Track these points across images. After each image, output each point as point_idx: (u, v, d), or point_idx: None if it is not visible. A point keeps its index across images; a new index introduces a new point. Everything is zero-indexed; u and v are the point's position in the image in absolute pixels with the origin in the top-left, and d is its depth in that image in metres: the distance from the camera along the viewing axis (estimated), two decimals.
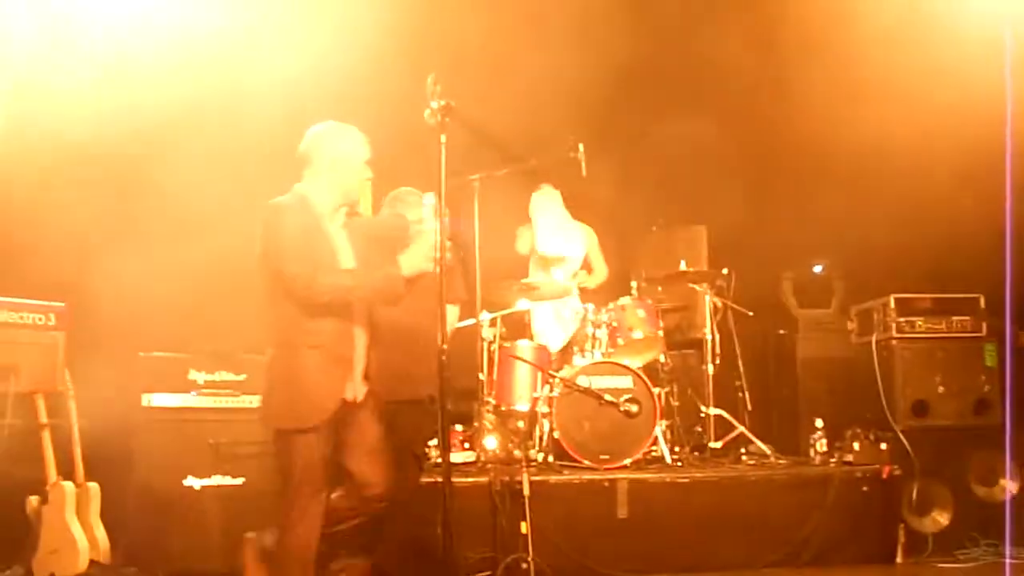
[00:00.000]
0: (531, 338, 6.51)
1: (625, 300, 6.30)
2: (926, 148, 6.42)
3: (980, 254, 6.48)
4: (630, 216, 7.40)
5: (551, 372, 5.85)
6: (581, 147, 6.05)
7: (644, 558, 5.16)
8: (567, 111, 6.87)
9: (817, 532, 5.34)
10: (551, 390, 5.79)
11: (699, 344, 6.59)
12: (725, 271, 6.60)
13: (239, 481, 5.24)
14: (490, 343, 6.04)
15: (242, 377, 5.37)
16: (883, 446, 5.67)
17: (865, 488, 5.49)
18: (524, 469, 5.06)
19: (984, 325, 6.15)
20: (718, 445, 6.22)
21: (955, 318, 6.16)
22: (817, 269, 7.50)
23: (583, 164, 6.06)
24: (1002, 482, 5.87)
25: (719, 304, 6.56)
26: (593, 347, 6.13)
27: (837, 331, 6.95)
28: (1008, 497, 5.77)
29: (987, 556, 5.50)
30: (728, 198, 7.13)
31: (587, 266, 7.03)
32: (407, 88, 3.81)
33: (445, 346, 3.29)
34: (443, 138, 3.34)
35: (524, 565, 4.81)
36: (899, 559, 5.46)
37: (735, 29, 6.60)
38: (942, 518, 5.73)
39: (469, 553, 4.90)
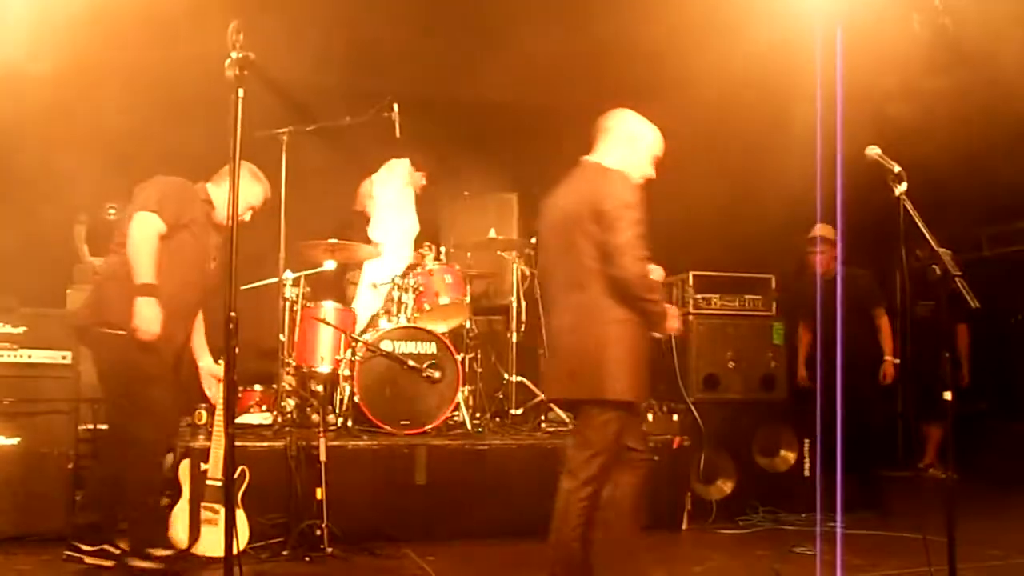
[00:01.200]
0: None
1: (433, 265, 6.21)
2: (733, 131, 6.64)
3: (776, 236, 6.81)
4: (441, 181, 7.28)
5: (354, 335, 5.69)
6: (396, 107, 5.92)
7: (441, 524, 5.16)
8: (383, 72, 6.68)
9: None
10: (354, 354, 5.63)
11: (506, 311, 6.59)
12: (534, 240, 6.61)
13: (14, 441, 4.84)
14: (292, 303, 5.81)
15: (21, 330, 4.94)
16: (675, 417, 5.87)
17: (656, 457, 5.65)
18: (322, 434, 4.90)
19: (774, 304, 6.47)
20: (519, 412, 6.26)
21: (748, 296, 6.44)
22: None
23: (397, 125, 5.93)
24: (783, 453, 6.22)
25: (527, 272, 6.58)
26: (399, 312, 6.01)
27: None
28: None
29: (765, 522, 5.82)
30: (540, 167, 7.14)
31: None
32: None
33: (232, 313, 3.07)
34: (240, 92, 3.10)
35: (318, 532, 4.70)
36: (685, 525, 5.69)
37: None
38: (726, 487, 6.01)
39: (261, 519, 4.75)
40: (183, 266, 4.40)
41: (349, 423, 5.57)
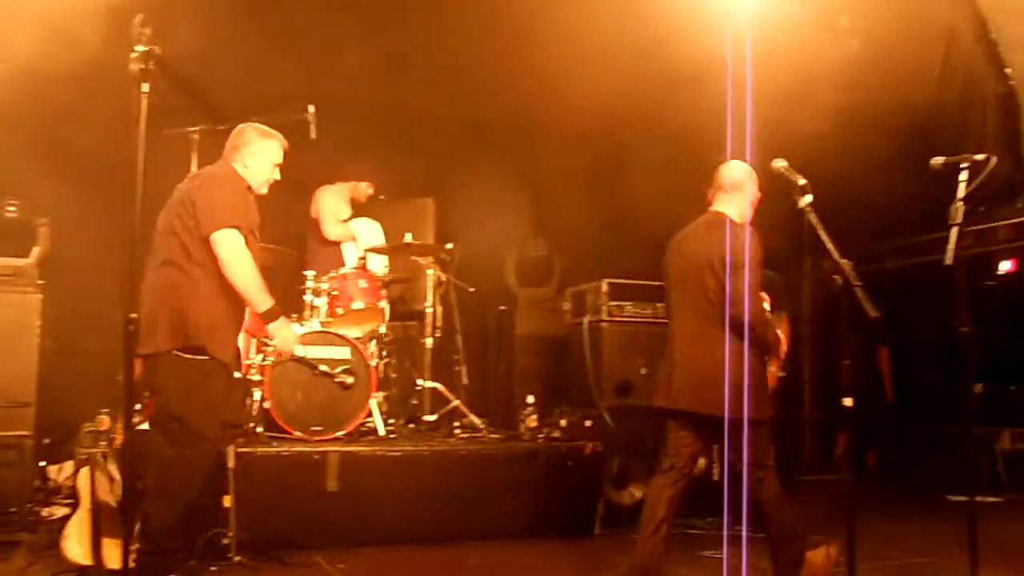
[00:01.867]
0: None
1: (347, 269, 6.16)
2: (649, 142, 6.74)
3: None
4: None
5: (264, 339, 5.60)
6: (311, 109, 5.85)
7: (353, 531, 5.10)
8: (299, 73, 6.59)
9: (523, 505, 5.50)
10: (264, 358, 5.54)
11: (420, 317, 6.56)
12: (450, 246, 6.62)
13: None
14: None
15: None
16: (588, 423, 5.92)
17: (570, 463, 5.71)
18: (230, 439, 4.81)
19: None
20: (433, 418, 6.24)
21: (661, 304, 6.51)
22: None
23: (312, 127, 5.86)
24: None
25: (442, 277, 6.57)
26: (311, 316, 5.94)
27: (554, 311, 7.19)
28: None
29: (675, 528, 5.88)
30: (458, 173, 7.16)
31: None
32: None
33: (133, 315, 3.00)
34: (145, 87, 3.02)
35: (225, 540, 4.61)
36: (597, 530, 5.74)
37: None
38: (638, 492, 6.06)
39: None
40: None
41: (259, 429, 5.47)
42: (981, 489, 4.26)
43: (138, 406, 5.18)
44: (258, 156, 4.37)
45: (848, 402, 3.57)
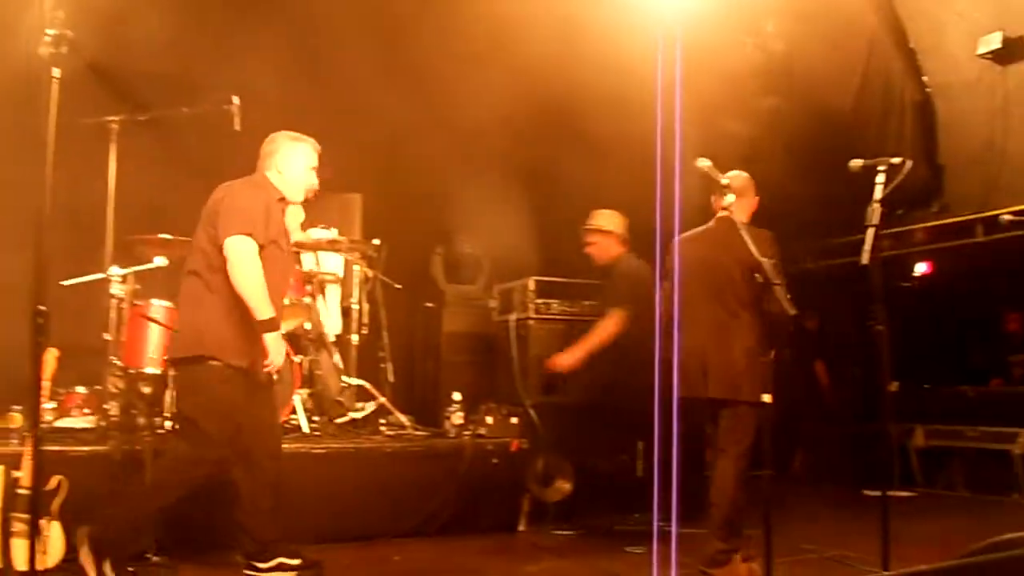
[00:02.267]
0: None
1: None
2: (578, 142, 6.77)
3: None
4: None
5: None
6: (236, 100, 5.74)
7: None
8: (224, 64, 6.47)
9: (448, 502, 5.48)
10: None
11: (347, 313, 6.50)
12: (377, 242, 6.56)
13: None
14: (120, 301, 5.54)
15: None
16: (514, 420, 5.93)
17: (495, 460, 5.72)
18: (148, 438, 4.70)
19: None
20: (358, 415, 6.18)
21: (587, 302, 6.58)
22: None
23: (237, 118, 5.75)
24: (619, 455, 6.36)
25: (369, 274, 6.52)
26: None
27: (481, 308, 7.18)
28: None
29: (600, 524, 5.94)
30: (386, 168, 7.10)
31: None
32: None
33: (42, 307, 2.92)
34: (56, 72, 2.93)
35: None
36: (522, 527, 5.75)
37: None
38: (563, 489, 6.09)
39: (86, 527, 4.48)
40: (273, 281, 4.19)
41: (178, 426, 5.34)
42: (895, 484, 4.37)
43: (52, 404, 5.07)
44: (290, 161, 4.41)
45: (767, 398, 3.63)
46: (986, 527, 5.99)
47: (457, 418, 6.02)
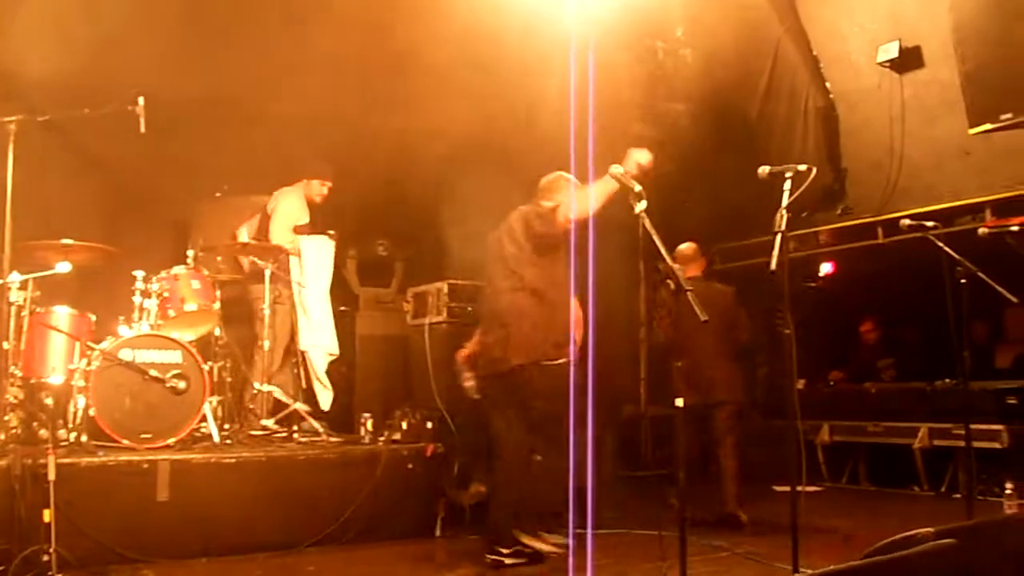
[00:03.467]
0: None
1: (179, 269, 5.92)
2: (490, 146, 6.78)
3: None
4: (191, 180, 6.94)
5: (89, 343, 5.32)
6: (141, 100, 5.59)
7: (185, 542, 4.90)
8: (130, 65, 6.29)
9: (363, 509, 5.43)
10: (89, 363, 5.26)
11: (259, 318, 6.37)
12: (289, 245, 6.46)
13: None
14: (20, 308, 5.34)
15: None
16: (429, 425, 5.90)
17: (410, 465, 5.69)
18: (51, 451, 4.53)
19: None
20: (270, 423, 6.08)
21: None
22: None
23: (142, 120, 5.60)
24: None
25: (281, 278, 6.41)
26: (141, 318, 5.68)
27: (395, 311, 7.14)
28: None
29: None
30: (299, 171, 6.97)
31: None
32: None
33: None
34: None
35: (45, 557, 4.32)
36: (438, 532, 5.72)
37: None
38: (480, 492, 6.08)
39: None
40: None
41: (83, 438, 5.18)
42: (802, 480, 4.50)
43: None
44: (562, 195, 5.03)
45: (679, 402, 3.69)
46: (889, 520, 6.23)
47: (371, 424, 5.97)
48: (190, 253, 6.12)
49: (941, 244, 5.11)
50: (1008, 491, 5.23)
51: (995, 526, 3.38)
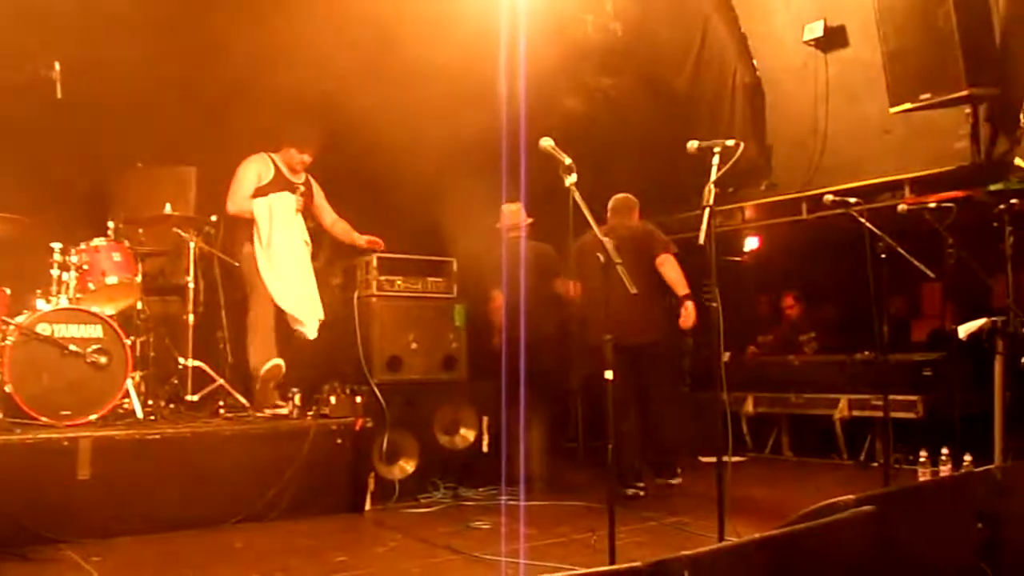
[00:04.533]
0: None
1: (99, 241, 5.75)
2: (417, 114, 6.70)
3: (459, 221, 6.97)
4: (110, 149, 6.71)
5: (4, 318, 5.15)
6: (57, 66, 5.40)
7: (108, 521, 4.81)
8: (45, 31, 6.06)
9: (291, 485, 5.38)
10: (3, 338, 5.09)
11: (182, 292, 6.24)
12: (214, 218, 6.33)
13: None
14: None
15: None
16: (358, 399, 5.86)
17: (339, 440, 5.65)
18: None
19: (455, 287, 6.64)
20: (195, 398, 5.97)
21: (430, 279, 6.56)
22: None
23: (58, 85, 5.42)
24: (463, 431, 6.40)
25: (205, 250, 6.28)
26: (59, 292, 5.51)
27: (324, 285, 7.03)
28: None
29: (446, 499, 5.97)
30: (222, 141, 6.82)
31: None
32: None
33: None
34: None
35: None
36: (368, 506, 5.70)
37: None
38: (408, 466, 6.08)
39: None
40: None
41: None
42: (728, 450, 4.58)
43: None
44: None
45: (609, 374, 3.72)
46: (811, 488, 6.40)
47: (299, 398, 5.91)
48: (110, 224, 5.95)
49: (863, 220, 5.23)
50: (922, 459, 5.41)
51: (910, 493, 3.49)
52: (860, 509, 2.73)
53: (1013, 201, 5.55)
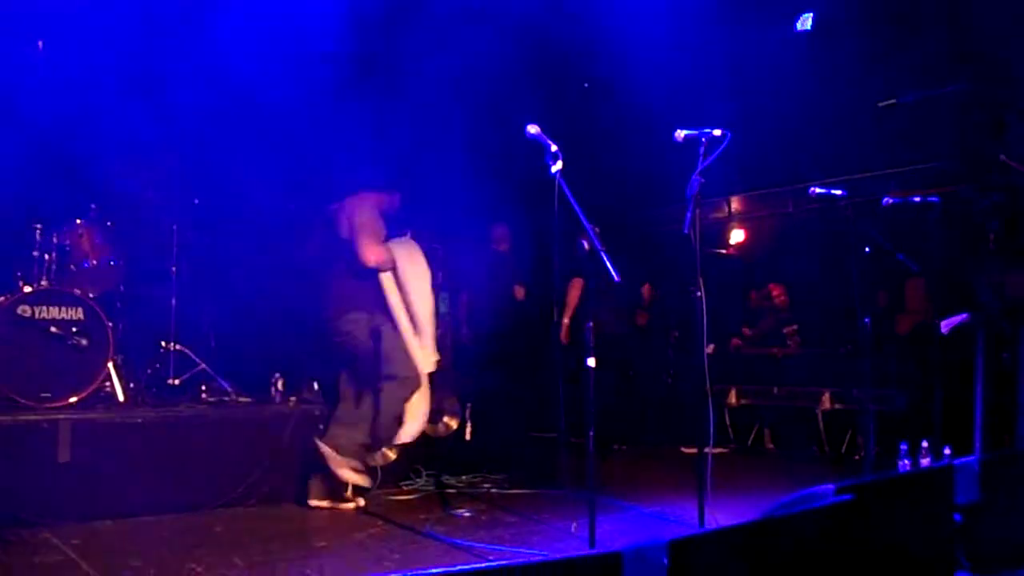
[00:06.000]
0: None
1: (81, 223, 5.70)
2: None
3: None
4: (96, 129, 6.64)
5: None
6: (40, 44, 5.36)
7: (88, 504, 4.77)
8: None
9: (273, 469, 5.36)
10: None
11: (165, 275, 6.19)
12: (196, 201, 6.29)
13: None
14: None
15: None
16: None
17: (322, 426, 5.63)
18: None
19: (439, 274, 6.60)
20: (177, 382, 5.94)
21: None
22: None
23: None
24: (446, 419, 6.40)
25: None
26: (40, 274, 5.46)
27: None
28: None
29: (428, 486, 5.97)
30: None
31: None
32: None
33: None
34: None
35: None
36: (349, 493, 5.68)
37: None
38: (391, 453, 6.05)
39: None
40: None
41: None
42: (710, 442, 4.60)
43: None
44: None
45: (591, 362, 3.72)
46: (792, 479, 6.42)
47: (282, 384, 5.89)
48: (92, 207, 5.90)
49: (849, 214, 5.24)
50: (903, 451, 5.45)
51: (889, 483, 3.50)
52: (839, 498, 2.74)
53: (996, 197, 5.57)
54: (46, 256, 5.51)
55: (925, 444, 5.38)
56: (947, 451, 5.26)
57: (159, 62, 6.63)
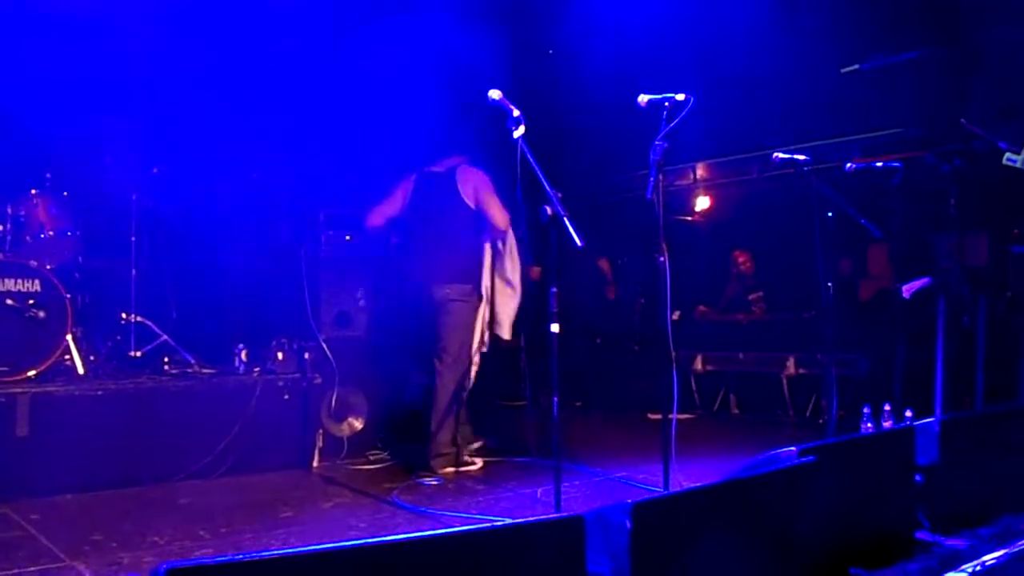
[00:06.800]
0: None
1: (37, 193, 5.59)
2: None
3: None
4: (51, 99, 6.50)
5: None
6: None
7: (48, 479, 4.72)
8: None
9: (238, 441, 5.33)
10: None
11: (125, 246, 6.10)
12: (155, 170, 6.19)
13: None
14: None
15: None
16: (307, 355, 5.80)
17: (287, 396, 5.60)
18: None
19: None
20: (139, 354, 5.86)
21: None
22: None
23: None
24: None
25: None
26: None
27: (271, 240, 6.93)
28: None
29: (394, 456, 5.95)
30: None
31: None
32: None
33: None
34: None
35: None
36: (316, 463, 5.67)
37: None
38: (357, 423, 6.03)
39: None
40: None
41: None
42: (674, 407, 4.62)
43: None
44: None
45: (555, 328, 3.71)
46: (757, 443, 6.48)
47: (245, 355, 5.83)
48: (48, 176, 5.78)
49: (812, 180, 5.25)
50: (866, 414, 5.50)
51: (851, 445, 3.54)
52: (802, 460, 2.76)
53: (958, 162, 5.61)
54: (0, 228, 5.40)
55: (887, 407, 5.44)
56: (908, 414, 5.32)
57: (117, 22, 6.50)
